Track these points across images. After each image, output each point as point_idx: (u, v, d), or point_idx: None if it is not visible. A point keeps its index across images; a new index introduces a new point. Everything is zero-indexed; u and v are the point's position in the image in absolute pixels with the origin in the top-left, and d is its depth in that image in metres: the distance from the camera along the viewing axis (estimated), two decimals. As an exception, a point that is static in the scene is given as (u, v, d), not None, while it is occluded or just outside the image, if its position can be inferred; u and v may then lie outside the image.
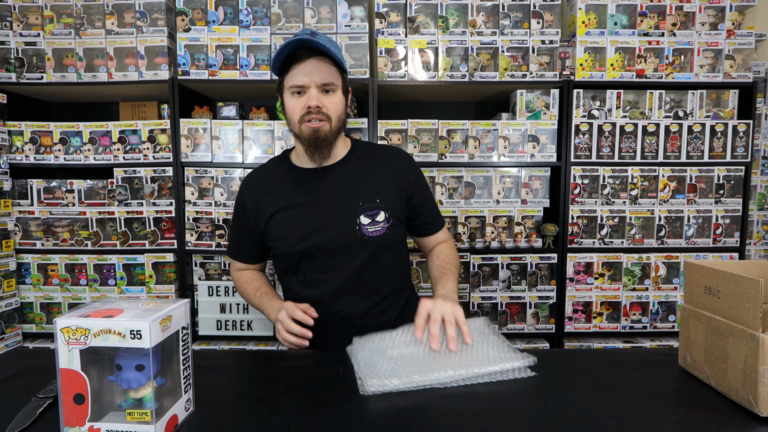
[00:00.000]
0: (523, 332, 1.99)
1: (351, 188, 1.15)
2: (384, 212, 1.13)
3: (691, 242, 1.97)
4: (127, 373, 0.62)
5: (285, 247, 1.15)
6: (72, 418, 0.61)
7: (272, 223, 1.16)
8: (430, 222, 1.25)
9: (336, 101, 1.10)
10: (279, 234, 1.15)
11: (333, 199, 1.14)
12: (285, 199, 1.16)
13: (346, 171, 1.17)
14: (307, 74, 1.05)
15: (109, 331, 0.59)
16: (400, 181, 1.17)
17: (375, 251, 1.13)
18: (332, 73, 1.08)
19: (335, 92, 1.10)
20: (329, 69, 1.07)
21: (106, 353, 0.62)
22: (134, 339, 0.59)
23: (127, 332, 0.59)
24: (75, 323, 0.60)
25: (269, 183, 1.20)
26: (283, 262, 1.19)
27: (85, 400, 0.61)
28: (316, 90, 1.07)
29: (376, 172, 1.17)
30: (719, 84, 1.96)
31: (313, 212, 1.13)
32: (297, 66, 1.06)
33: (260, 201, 1.18)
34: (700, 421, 0.68)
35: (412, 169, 1.21)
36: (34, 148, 1.94)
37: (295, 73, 1.06)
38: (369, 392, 0.76)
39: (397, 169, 1.18)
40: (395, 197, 1.15)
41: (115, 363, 0.62)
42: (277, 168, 1.23)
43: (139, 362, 0.61)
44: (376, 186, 1.15)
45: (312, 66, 1.05)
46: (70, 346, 0.60)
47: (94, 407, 0.61)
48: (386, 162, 1.19)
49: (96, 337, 0.59)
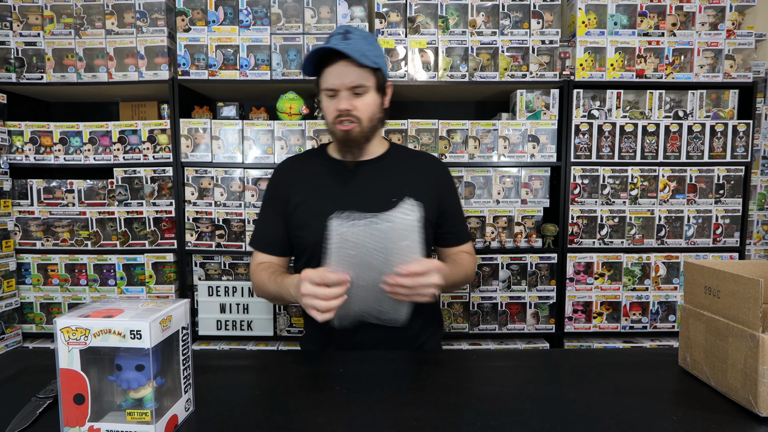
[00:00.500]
0: (523, 332, 1.99)
1: (384, 184, 1.15)
2: None
3: (691, 242, 1.97)
4: (127, 373, 0.62)
5: (310, 236, 1.12)
6: (72, 418, 0.61)
7: (300, 210, 1.15)
8: (456, 232, 1.24)
9: (367, 102, 1.09)
10: (305, 222, 1.14)
11: (365, 193, 1.14)
12: (316, 186, 1.16)
13: (381, 168, 1.18)
14: (337, 77, 1.06)
15: (109, 331, 0.59)
16: (433, 184, 1.19)
17: None
18: (362, 75, 1.07)
19: (366, 93, 1.09)
20: (359, 71, 1.06)
21: (106, 353, 0.62)
22: (134, 339, 0.59)
23: (127, 332, 0.59)
24: (75, 323, 0.60)
25: (304, 168, 1.21)
26: (306, 254, 1.15)
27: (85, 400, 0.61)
28: (347, 92, 1.07)
29: (410, 172, 1.19)
30: (719, 84, 1.96)
31: (343, 202, 1.10)
32: (327, 69, 1.07)
33: (293, 185, 1.18)
34: (700, 421, 0.68)
35: (445, 174, 1.23)
36: (34, 148, 1.94)
37: (327, 76, 1.07)
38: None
39: (431, 172, 1.20)
40: (427, 199, 1.15)
41: (115, 363, 0.62)
42: (313, 158, 1.23)
43: (139, 362, 0.61)
44: (409, 185, 1.16)
45: (341, 69, 1.05)
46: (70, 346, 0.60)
47: (94, 407, 0.61)
48: (420, 165, 1.21)
49: (96, 337, 0.59)
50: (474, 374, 0.88)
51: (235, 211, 1.93)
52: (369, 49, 1.07)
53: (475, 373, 0.88)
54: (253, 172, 1.93)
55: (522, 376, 0.87)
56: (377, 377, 0.84)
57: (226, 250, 1.94)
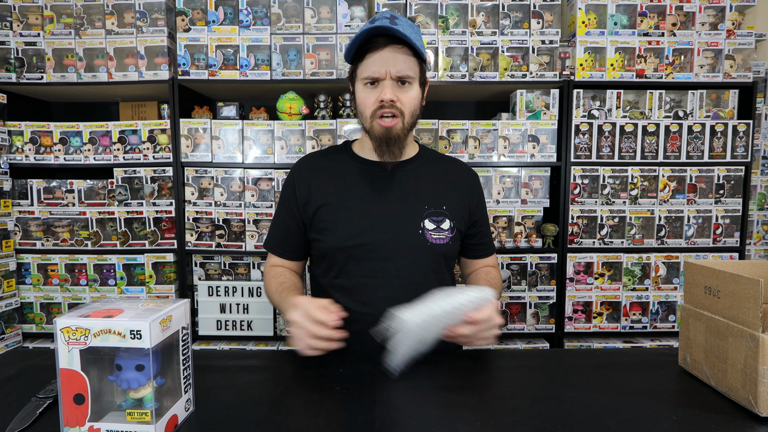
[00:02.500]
0: (523, 332, 1.99)
1: (418, 190, 1.07)
2: (450, 221, 1.06)
3: (691, 242, 1.97)
4: (127, 373, 0.62)
5: (335, 240, 1.02)
6: (72, 418, 0.61)
7: (322, 212, 1.05)
8: (485, 243, 1.18)
9: (412, 95, 1.00)
10: (329, 225, 1.04)
11: (397, 197, 1.05)
12: (342, 187, 1.06)
13: (414, 172, 1.09)
14: (383, 64, 0.96)
15: (109, 331, 0.59)
16: (467, 193, 1.12)
17: (436, 261, 1.05)
18: (410, 64, 0.98)
19: (412, 85, 1.00)
20: (407, 59, 0.97)
21: (106, 353, 0.62)
22: (134, 339, 0.59)
23: (127, 332, 0.59)
24: (75, 323, 0.60)
25: (328, 167, 1.10)
26: (327, 260, 1.06)
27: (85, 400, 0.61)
28: (392, 82, 0.97)
29: (444, 179, 1.11)
30: (719, 84, 1.96)
31: (373, 207, 1.03)
32: (372, 55, 0.97)
33: (314, 185, 1.07)
34: (700, 421, 0.68)
35: (477, 185, 1.17)
36: (34, 148, 1.94)
37: (370, 63, 0.97)
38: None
39: (465, 181, 1.14)
40: (461, 209, 1.09)
41: (115, 363, 0.62)
42: (337, 156, 1.13)
43: (139, 362, 0.61)
44: (443, 193, 1.08)
45: (388, 55, 0.96)
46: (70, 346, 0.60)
47: (94, 407, 0.61)
48: (455, 172, 1.15)
49: (96, 337, 0.59)
50: (474, 374, 0.88)
51: (235, 211, 1.93)
52: (417, 38, 0.97)
53: (476, 373, 0.88)
54: (253, 172, 1.93)
55: (522, 376, 0.87)
56: (377, 377, 0.84)
57: (226, 250, 1.94)
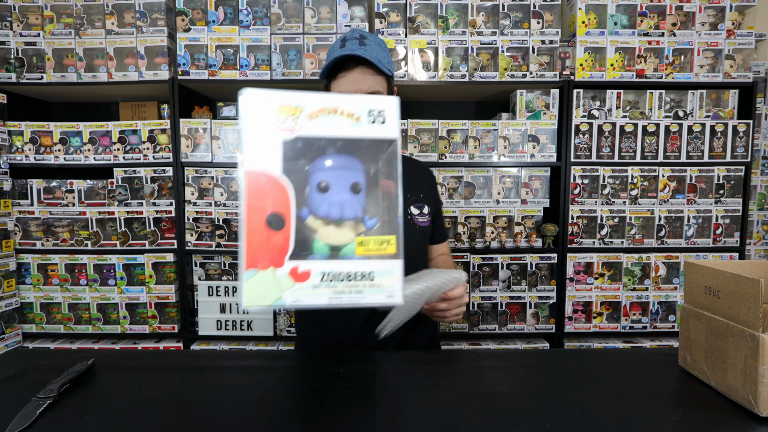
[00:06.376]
0: (523, 332, 1.99)
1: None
2: (427, 206, 1.22)
3: (691, 242, 1.97)
4: (338, 194, 0.39)
5: None
6: (260, 253, 0.38)
7: None
8: (441, 229, 1.32)
9: None
10: None
11: None
12: None
13: None
14: (354, 83, 1.07)
15: (334, 111, 0.37)
16: (428, 185, 1.27)
17: (422, 241, 1.20)
18: (378, 82, 1.08)
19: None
20: (375, 78, 1.08)
21: (313, 153, 0.38)
22: (374, 124, 0.36)
23: (364, 113, 0.37)
24: (281, 100, 0.36)
25: None
26: None
27: (284, 223, 0.39)
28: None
29: (412, 173, 1.26)
30: (719, 84, 1.96)
31: None
32: (343, 75, 1.07)
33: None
34: (700, 421, 0.68)
35: (431, 174, 1.33)
36: (34, 148, 1.94)
37: (343, 81, 1.08)
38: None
39: (425, 175, 1.29)
40: (429, 197, 1.23)
41: (318, 181, 0.39)
42: None
43: (356, 179, 0.38)
44: (417, 184, 1.24)
45: (358, 76, 1.07)
46: (266, 131, 0.36)
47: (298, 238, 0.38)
48: (419, 168, 1.30)
49: (312, 120, 0.37)
50: (474, 374, 0.88)
51: (235, 211, 1.93)
52: (383, 56, 1.08)
53: (475, 373, 0.88)
54: (253, 172, 1.93)
55: (522, 376, 0.87)
56: (377, 377, 0.84)
57: (226, 250, 1.94)
